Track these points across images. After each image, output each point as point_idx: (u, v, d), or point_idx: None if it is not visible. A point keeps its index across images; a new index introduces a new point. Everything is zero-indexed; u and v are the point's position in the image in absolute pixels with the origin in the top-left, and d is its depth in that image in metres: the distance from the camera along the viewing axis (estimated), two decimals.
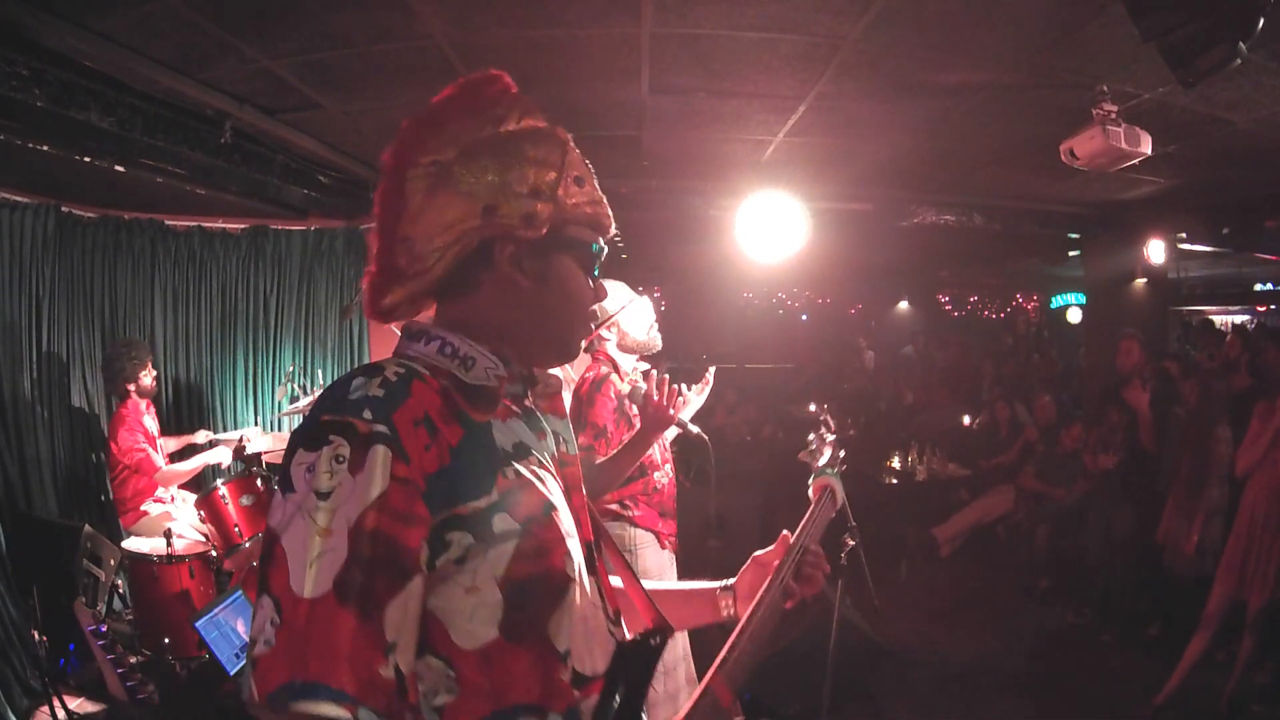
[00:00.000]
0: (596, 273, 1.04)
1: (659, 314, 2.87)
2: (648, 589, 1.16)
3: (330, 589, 0.76)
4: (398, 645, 0.79)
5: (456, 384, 0.92)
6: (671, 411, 2.32)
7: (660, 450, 2.67)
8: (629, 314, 2.71)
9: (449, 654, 0.85)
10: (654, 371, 2.41)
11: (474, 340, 0.96)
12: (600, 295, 1.07)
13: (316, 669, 0.74)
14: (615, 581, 1.14)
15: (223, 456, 4.06)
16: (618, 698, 0.94)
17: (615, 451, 2.45)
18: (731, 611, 1.24)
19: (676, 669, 2.48)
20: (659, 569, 2.61)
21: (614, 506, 2.59)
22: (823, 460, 1.58)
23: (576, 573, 0.95)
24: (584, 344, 2.67)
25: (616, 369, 2.70)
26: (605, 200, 1.04)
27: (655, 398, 2.30)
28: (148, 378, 4.07)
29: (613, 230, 1.06)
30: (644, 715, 0.95)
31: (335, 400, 0.84)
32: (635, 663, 0.97)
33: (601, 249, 1.03)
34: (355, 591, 0.77)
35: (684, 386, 2.93)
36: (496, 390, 0.95)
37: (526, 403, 1.02)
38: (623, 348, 2.72)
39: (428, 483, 0.83)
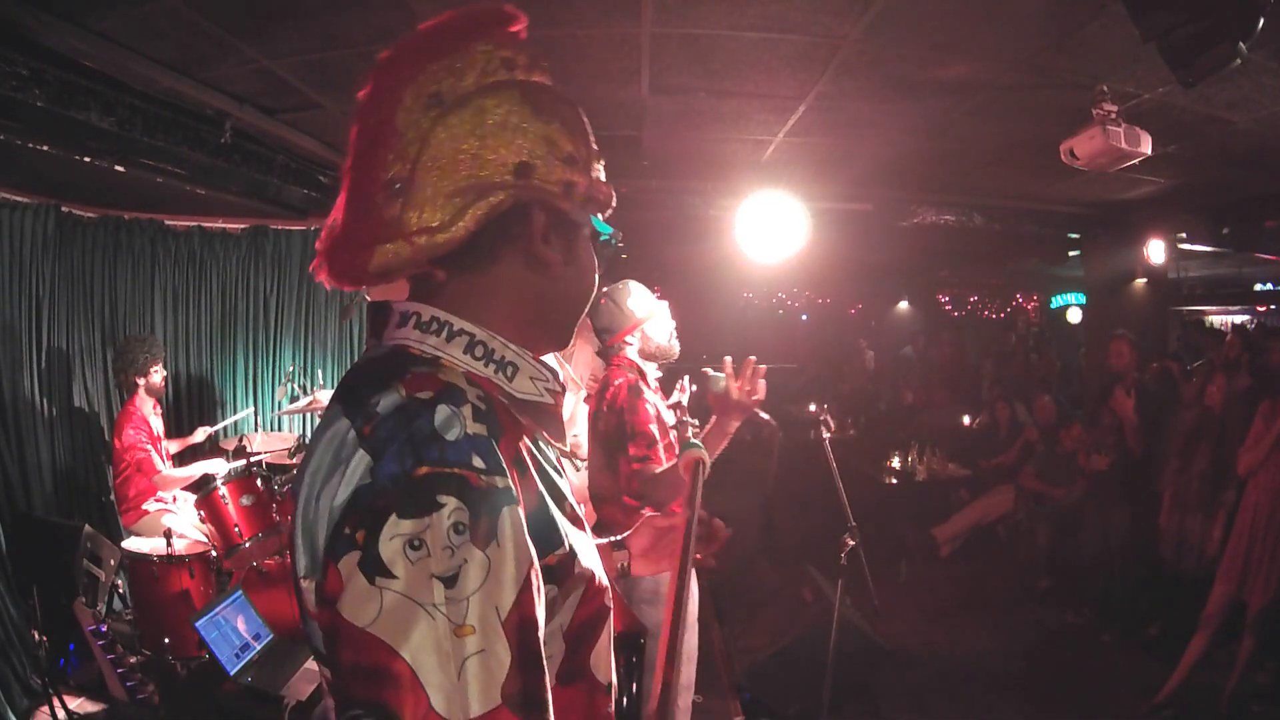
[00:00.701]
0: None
1: None
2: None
3: (500, 703, 0.61)
4: None
5: (512, 400, 0.77)
6: (757, 397, 2.21)
7: None
8: (652, 320, 2.63)
9: None
10: (728, 359, 2.30)
11: (501, 333, 0.79)
12: None
13: None
14: None
15: (220, 467, 4.05)
16: (626, 697, 0.92)
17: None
18: (625, 564, 1.21)
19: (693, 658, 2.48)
20: (692, 583, 2.56)
21: None
22: (689, 434, 1.68)
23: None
24: (607, 348, 2.62)
25: (643, 376, 2.60)
26: None
27: (739, 383, 2.20)
28: (158, 375, 4.08)
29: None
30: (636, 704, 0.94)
31: (427, 442, 0.64)
32: (630, 664, 0.95)
33: (612, 237, 0.92)
34: (527, 702, 0.63)
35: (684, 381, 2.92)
36: (554, 410, 0.81)
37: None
38: (644, 354, 2.63)
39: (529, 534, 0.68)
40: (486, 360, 0.77)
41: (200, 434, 4.47)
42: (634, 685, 0.97)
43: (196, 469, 4.03)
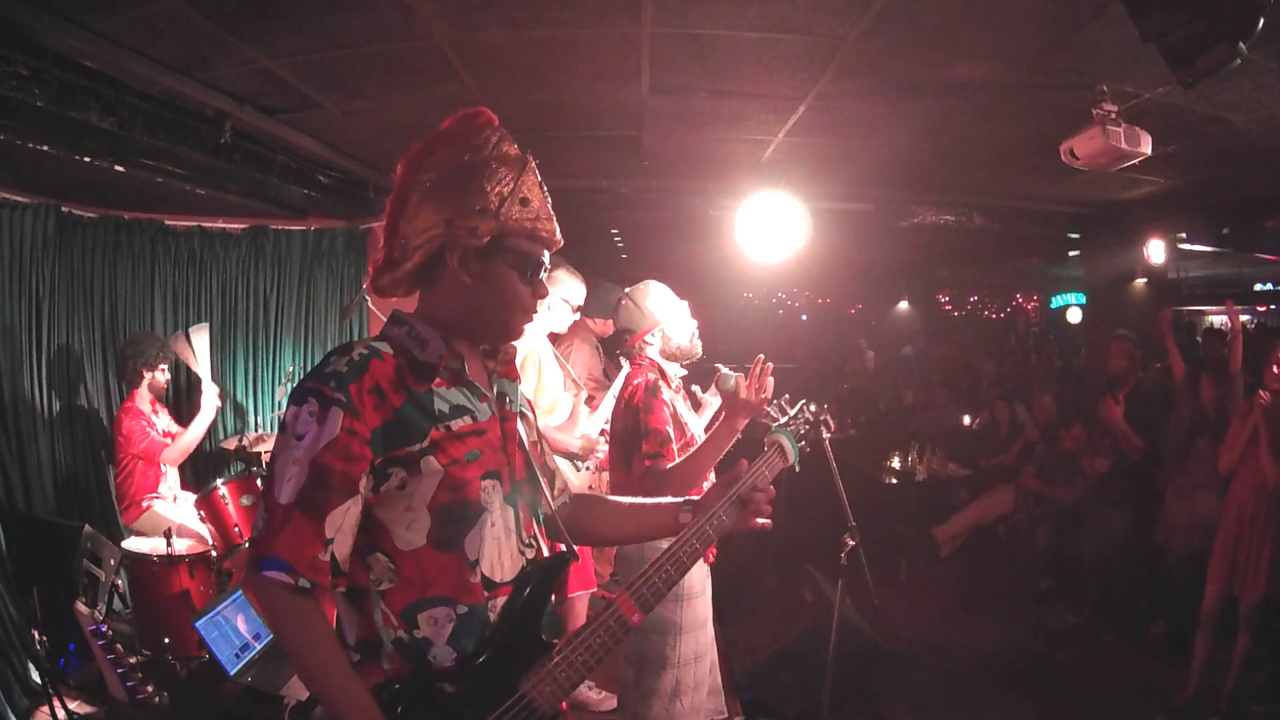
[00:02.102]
0: (541, 275, 1.32)
1: None
2: (612, 501, 1.62)
3: (293, 499, 1.13)
4: (334, 541, 1.15)
5: (410, 361, 1.24)
6: (764, 396, 2.25)
7: None
8: (673, 320, 2.62)
9: (391, 553, 1.21)
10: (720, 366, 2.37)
11: (434, 327, 1.28)
12: (540, 295, 1.33)
13: (278, 550, 1.12)
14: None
15: (212, 402, 4.06)
16: (523, 598, 1.27)
17: (697, 448, 2.35)
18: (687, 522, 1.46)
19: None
20: (701, 582, 2.51)
21: None
22: (781, 421, 1.85)
23: (490, 504, 1.27)
24: (628, 348, 2.62)
25: (664, 376, 2.59)
26: (550, 216, 1.31)
27: (747, 382, 2.24)
28: (162, 375, 4.10)
29: (556, 240, 1.33)
30: (544, 615, 1.29)
31: (316, 371, 1.20)
32: (539, 575, 1.30)
33: (539, 259, 1.32)
34: (308, 503, 1.13)
35: (697, 389, 2.91)
36: (436, 366, 1.26)
37: (467, 375, 1.30)
38: (666, 354, 2.62)
39: (373, 433, 1.17)
40: (414, 339, 1.27)
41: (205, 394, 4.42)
42: (544, 589, 1.28)
43: (196, 428, 4.02)
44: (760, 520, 1.43)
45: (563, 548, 1.40)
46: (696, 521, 1.39)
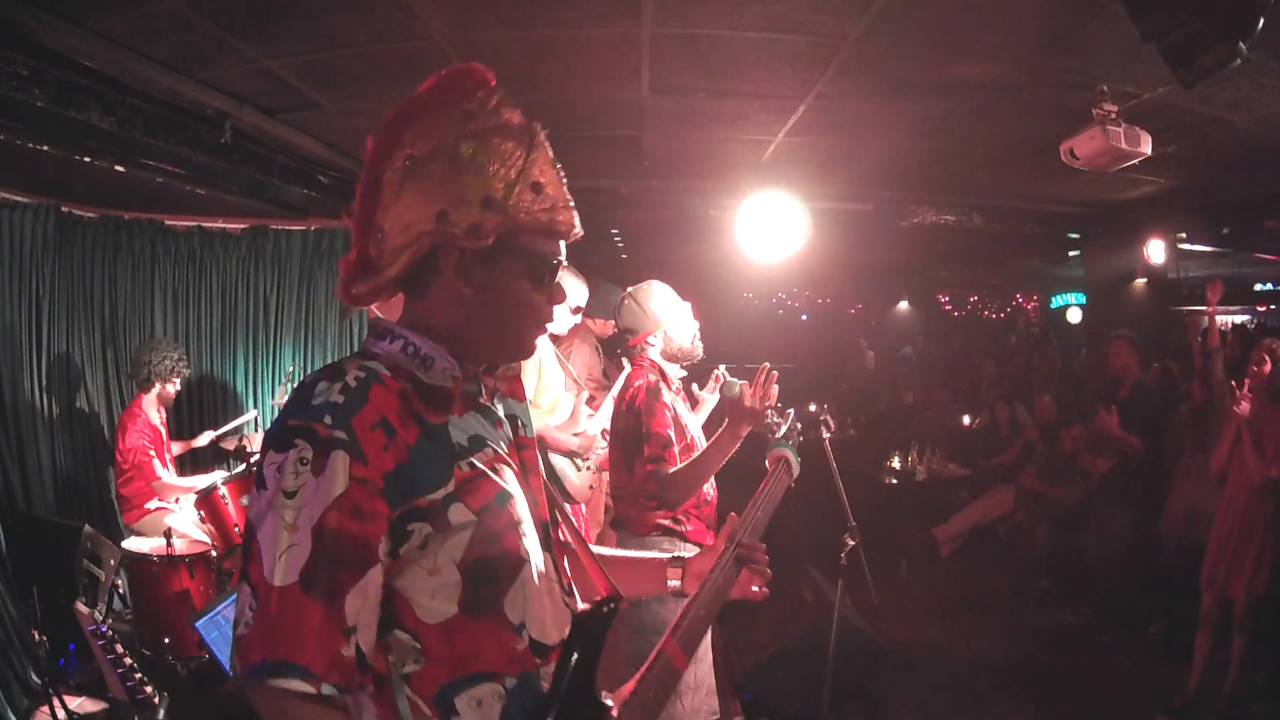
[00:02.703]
0: (553, 278, 1.07)
1: None
2: (596, 555, 1.25)
3: (296, 580, 0.85)
4: (357, 627, 0.88)
5: (416, 384, 0.99)
6: (767, 403, 2.27)
7: None
8: (675, 321, 2.61)
9: (415, 628, 0.94)
10: (720, 368, 2.39)
11: (433, 340, 1.01)
12: (557, 299, 1.08)
13: (286, 650, 0.84)
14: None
15: (217, 478, 4.05)
16: (573, 663, 0.99)
17: (701, 453, 2.35)
18: (678, 585, 1.29)
19: (705, 658, 2.46)
20: None
21: (666, 522, 2.47)
22: (779, 434, 1.81)
23: (530, 553, 1.03)
24: (629, 349, 2.63)
25: (664, 378, 2.58)
26: (568, 203, 1.03)
27: (752, 389, 2.26)
28: (173, 388, 4.13)
29: (575, 232, 1.05)
30: (597, 675, 1.01)
31: (300, 405, 0.91)
32: (589, 631, 1.02)
33: (555, 259, 1.05)
34: (318, 582, 0.86)
35: (695, 387, 2.90)
36: (452, 391, 1.02)
37: (482, 399, 1.08)
38: (667, 355, 2.61)
39: (386, 480, 0.90)
40: (413, 356, 1.00)
41: (204, 438, 4.47)
42: (595, 648, 1.02)
43: (198, 481, 4.03)
44: (755, 589, 1.29)
45: (606, 596, 1.14)
46: (719, 566, 1.23)
